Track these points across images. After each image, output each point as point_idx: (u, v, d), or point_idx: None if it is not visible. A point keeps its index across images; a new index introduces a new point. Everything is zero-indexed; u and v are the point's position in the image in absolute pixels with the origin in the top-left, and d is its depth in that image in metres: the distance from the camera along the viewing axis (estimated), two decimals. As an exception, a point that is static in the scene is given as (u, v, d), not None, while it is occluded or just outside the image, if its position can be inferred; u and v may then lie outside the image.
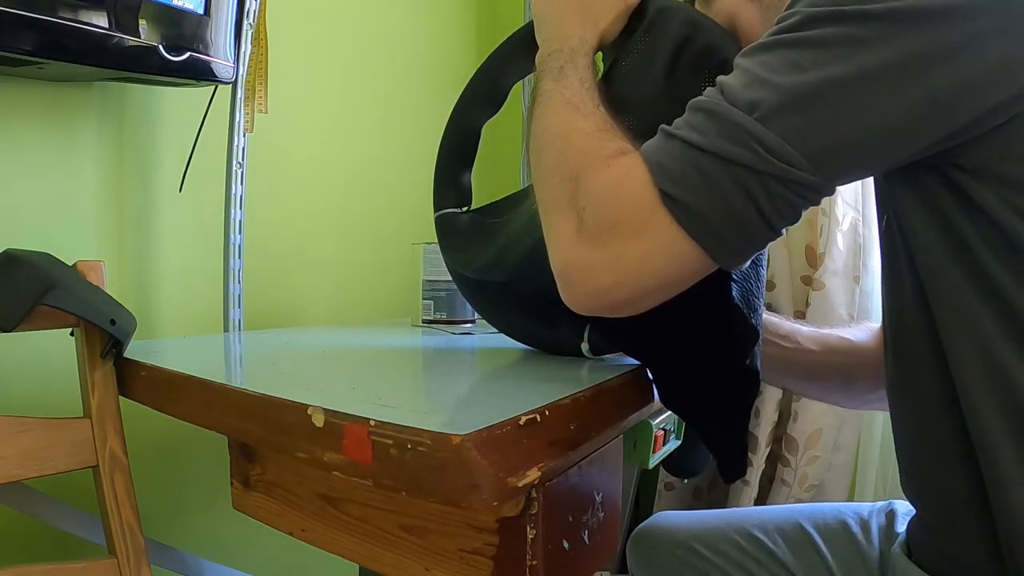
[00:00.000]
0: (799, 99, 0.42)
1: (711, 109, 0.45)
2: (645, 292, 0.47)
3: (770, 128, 0.42)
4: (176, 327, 1.01)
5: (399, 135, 1.43)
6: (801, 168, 0.42)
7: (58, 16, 0.69)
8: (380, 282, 1.37)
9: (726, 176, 0.43)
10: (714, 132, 0.44)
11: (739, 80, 0.45)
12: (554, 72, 0.57)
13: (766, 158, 0.42)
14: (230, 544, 1.07)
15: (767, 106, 0.42)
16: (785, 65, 0.43)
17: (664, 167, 0.45)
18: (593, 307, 0.50)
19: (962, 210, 0.45)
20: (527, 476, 0.40)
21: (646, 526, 0.85)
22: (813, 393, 0.85)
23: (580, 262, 0.48)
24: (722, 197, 0.43)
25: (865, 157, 0.44)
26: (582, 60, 0.58)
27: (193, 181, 0.98)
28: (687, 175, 0.44)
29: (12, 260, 0.61)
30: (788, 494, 1.17)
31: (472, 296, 0.75)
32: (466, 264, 0.71)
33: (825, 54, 0.42)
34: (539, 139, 0.55)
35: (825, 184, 0.43)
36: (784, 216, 0.44)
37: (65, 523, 0.77)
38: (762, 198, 0.43)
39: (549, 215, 0.52)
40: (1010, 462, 0.44)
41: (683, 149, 0.45)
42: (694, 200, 0.44)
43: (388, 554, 0.52)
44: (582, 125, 0.53)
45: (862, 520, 0.74)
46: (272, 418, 0.48)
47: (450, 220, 0.75)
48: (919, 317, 0.50)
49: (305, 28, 1.20)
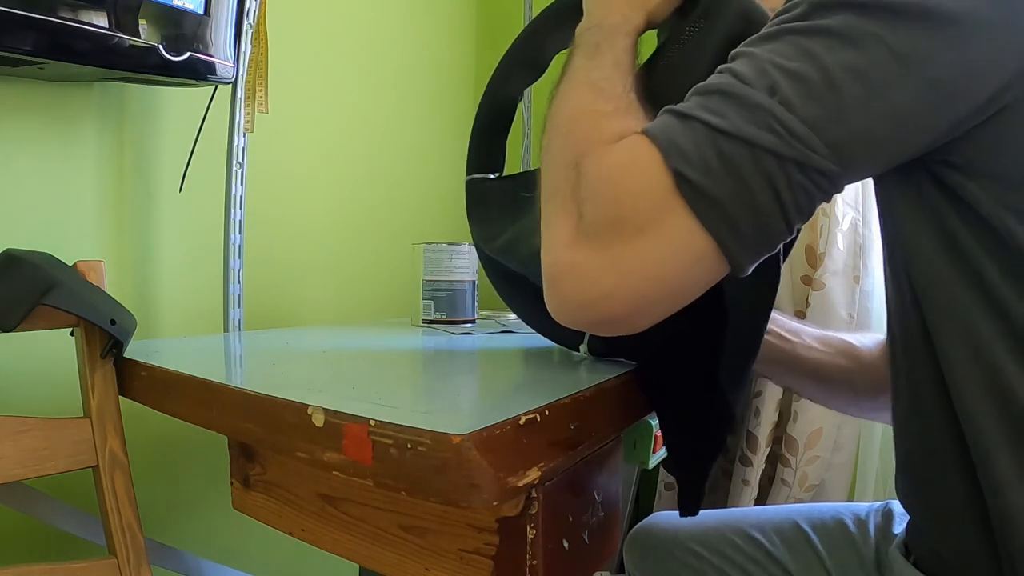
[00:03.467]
0: (816, 85, 0.40)
1: (728, 91, 0.41)
2: (646, 302, 0.42)
3: (793, 112, 0.39)
4: (176, 327, 1.01)
5: (399, 135, 1.43)
6: (822, 155, 0.40)
7: (58, 16, 0.69)
8: (380, 282, 1.37)
9: (750, 162, 0.39)
10: (735, 115, 0.40)
11: (750, 66, 0.42)
12: (589, 49, 0.52)
13: (791, 143, 0.39)
14: (230, 544, 1.07)
15: (786, 91, 0.40)
16: (797, 53, 0.41)
17: (680, 148, 0.41)
18: (582, 319, 0.45)
19: (955, 211, 0.45)
20: (527, 476, 0.40)
21: (643, 526, 0.85)
22: (819, 397, 0.81)
23: (576, 265, 0.43)
24: (744, 185, 0.39)
25: (879, 147, 0.42)
26: (621, 40, 0.52)
27: (193, 181, 0.98)
28: (706, 159, 0.40)
29: (12, 260, 0.61)
30: (788, 494, 1.17)
31: (490, 272, 0.73)
32: (486, 241, 0.69)
33: (835, 42, 0.40)
34: (551, 122, 0.51)
35: (842, 175, 0.41)
36: (801, 209, 0.41)
37: (65, 523, 0.77)
38: (783, 187, 0.40)
39: (548, 209, 0.47)
40: (1007, 466, 0.44)
41: (703, 131, 0.40)
42: (713, 187, 0.39)
43: (388, 554, 0.52)
44: (601, 108, 0.48)
45: (859, 520, 0.74)
46: (272, 418, 0.48)
47: (478, 186, 0.74)
48: (916, 318, 0.50)
49: (305, 28, 1.20)
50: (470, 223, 0.74)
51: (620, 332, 0.45)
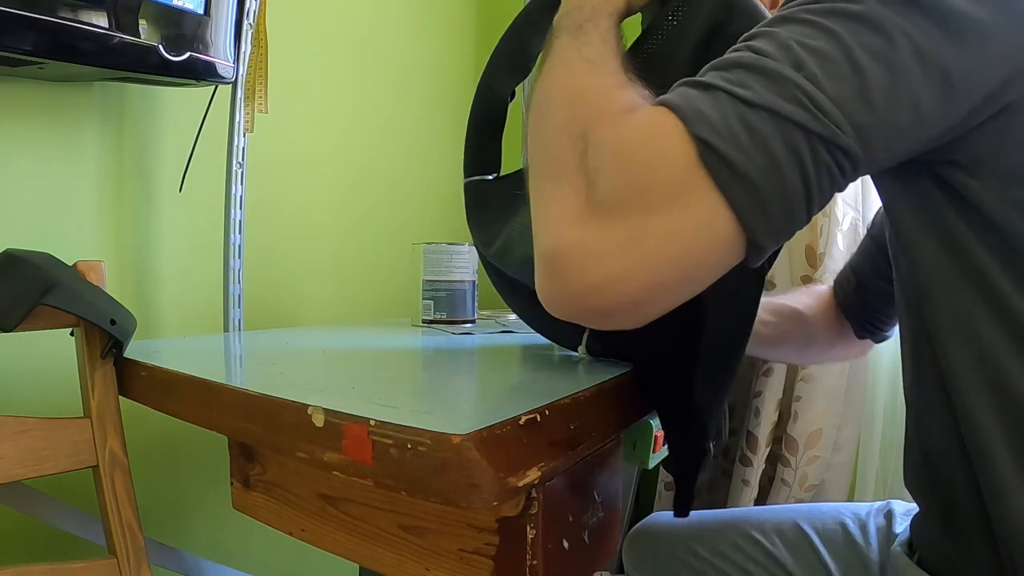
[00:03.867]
0: (841, 65, 0.38)
1: (752, 64, 0.39)
2: (658, 286, 0.38)
3: (820, 88, 0.37)
4: (176, 327, 1.01)
5: (399, 134, 1.43)
6: (848, 134, 0.38)
7: (58, 16, 0.69)
8: (380, 282, 1.37)
9: (777, 134, 0.37)
10: (762, 86, 0.38)
11: (772, 43, 0.39)
12: (572, 29, 0.50)
13: (819, 117, 0.37)
14: (230, 544, 1.07)
15: (812, 67, 0.38)
16: (819, 32, 0.39)
17: (704, 115, 0.38)
18: (584, 306, 0.40)
19: (958, 211, 0.45)
20: (527, 476, 0.40)
21: (643, 526, 0.85)
22: (771, 358, 0.94)
23: (585, 243, 0.39)
24: (773, 159, 0.37)
25: (898, 136, 0.40)
26: (605, 20, 0.50)
27: (193, 181, 0.98)
28: (734, 130, 0.37)
29: (12, 260, 0.61)
30: (788, 494, 1.17)
31: (492, 274, 0.74)
32: (486, 244, 0.70)
33: (858, 26, 0.39)
34: (546, 96, 0.47)
35: (861, 160, 0.39)
36: (823, 190, 0.39)
37: (65, 523, 0.77)
38: (809, 163, 0.37)
39: (546, 185, 0.43)
40: (1008, 469, 0.44)
41: (728, 101, 0.38)
42: (740, 157, 0.37)
43: (388, 554, 0.52)
44: (604, 80, 0.45)
45: (860, 521, 0.74)
46: (272, 418, 0.48)
47: (476, 188, 0.74)
48: (918, 319, 0.50)
49: (305, 28, 1.20)
50: (470, 226, 0.74)
51: (621, 324, 0.41)
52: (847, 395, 1.15)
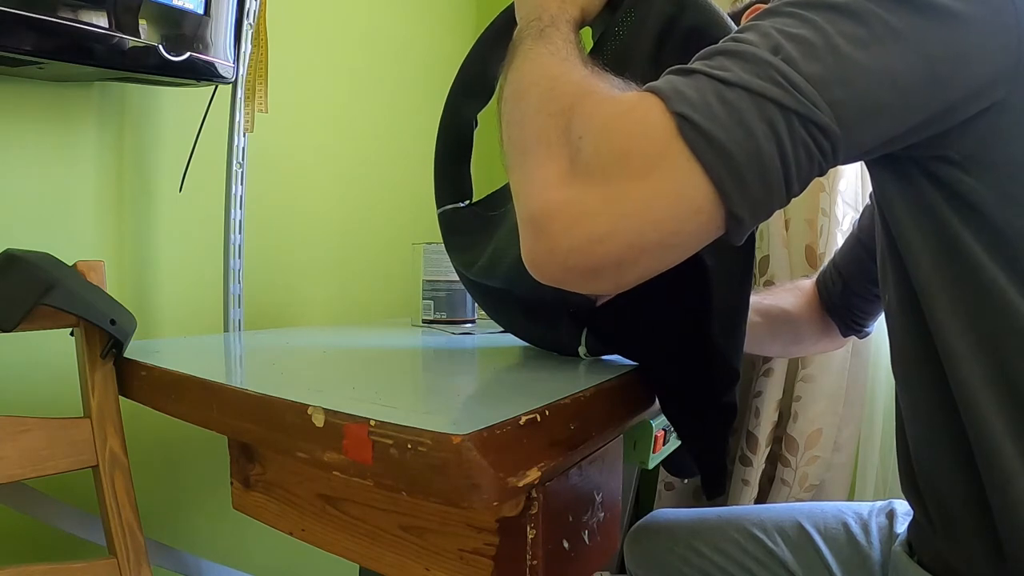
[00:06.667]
0: (818, 48, 0.40)
1: (731, 51, 0.41)
2: (639, 248, 0.40)
3: (795, 68, 0.39)
4: (176, 327, 1.01)
5: (399, 135, 1.43)
6: (823, 111, 0.39)
7: (58, 16, 0.69)
8: (380, 282, 1.37)
9: (753, 108, 0.39)
10: (739, 68, 0.40)
11: (754, 32, 0.42)
12: (534, 34, 0.51)
13: (794, 94, 0.39)
14: (230, 544, 1.07)
15: (790, 50, 0.40)
16: (800, 22, 0.41)
17: (683, 94, 0.40)
18: (569, 264, 0.41)
19: (952, 208, 0.46)
20: (527, 476, 0.40)
21: (644, 524, 0.85)
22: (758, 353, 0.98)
23: (570, 203, 0.41)
24: (748, 130, 0.39)
25: (876, 113, 0.42)
26: (564, 26, 0.52)
27: (193, 181, 0.98)
28: (709, 104, 0.39)
29: (12, 260, 0.61)
30: (788, 494, 1.17)
31: (476, 294, 0.75)
32: (467, 265, 0.71)
33: (837, 15, 0.41)
34: (520, 84, 0.48)
35: (840, 139, 0.40)
36: (801, 167, 0.40)
37: (65, 523, 0.77)
38: (785, 137, 0.39)
39: (528, 159, 0.44)
40: (1011, 456, 0.44)
41: (706, 81, 0.40)
42: (717, 129, 0.39)
43: (388, 554, 0.52)
44: (579, 71, 0.47)
45: (862, 520, 0.74)
46: (272, 418, 0.48)
47: (452, 216, 0.75)
48: (916, 315, 0.50)
49: (305, 28, 1.20)
50: (448, 253, 0.75)
51: (605, 286, 0.43)
52: (847, 395, 1.15)
